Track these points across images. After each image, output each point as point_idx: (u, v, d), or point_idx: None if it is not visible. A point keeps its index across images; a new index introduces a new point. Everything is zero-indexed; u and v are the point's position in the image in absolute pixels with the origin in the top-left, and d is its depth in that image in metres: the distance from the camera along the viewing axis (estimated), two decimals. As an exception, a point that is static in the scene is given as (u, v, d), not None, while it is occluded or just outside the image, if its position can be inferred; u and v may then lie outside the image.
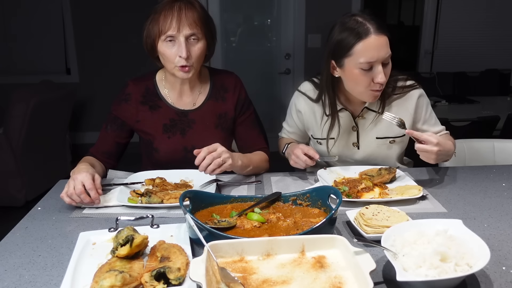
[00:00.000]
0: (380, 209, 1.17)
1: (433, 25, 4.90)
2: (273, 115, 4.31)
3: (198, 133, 1.64)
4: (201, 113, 1.66)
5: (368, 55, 1.42)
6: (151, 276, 0.89)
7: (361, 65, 1.43)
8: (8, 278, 0.97)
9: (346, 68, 1.48)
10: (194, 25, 1.47)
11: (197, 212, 1.18)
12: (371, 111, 1.63)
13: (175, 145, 1.62)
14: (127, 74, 3.94)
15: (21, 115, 3.20)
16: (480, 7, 4.84)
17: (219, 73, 1.73)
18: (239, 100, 1.70)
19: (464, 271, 0.86)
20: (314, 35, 4.48)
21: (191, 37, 1.48)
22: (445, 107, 3.56)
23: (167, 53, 1.49)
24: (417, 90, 1.63)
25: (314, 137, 1.72)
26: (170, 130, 1.63)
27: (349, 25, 1.45)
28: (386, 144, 1.65)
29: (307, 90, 1.70)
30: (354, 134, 1.66)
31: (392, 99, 1.62)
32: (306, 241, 0.97)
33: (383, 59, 1.44)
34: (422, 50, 4.99)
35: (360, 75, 1.46)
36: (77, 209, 1.33)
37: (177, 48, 1.47)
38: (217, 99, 1.68)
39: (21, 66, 4.95)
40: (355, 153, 1.68)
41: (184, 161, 1.60)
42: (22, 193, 3.33)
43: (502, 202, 1.34)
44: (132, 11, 4.63)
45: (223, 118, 1.68)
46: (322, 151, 1.68)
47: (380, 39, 1.42)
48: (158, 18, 1.47)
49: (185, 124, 1.64)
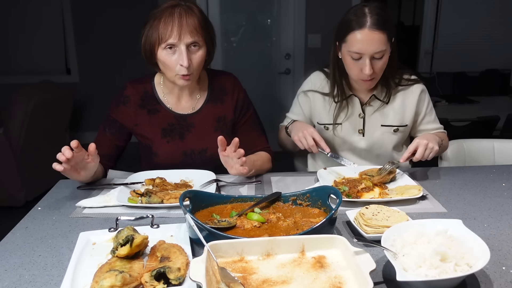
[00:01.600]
0: (380, 209, 1.17)
1: (433, 25, 4.90)
2: (273, 115, 4.29)
3: (197, 137, 1.63)
4: (200, 116, 1.65)
5: (357, 46, 1.50)
6: (151, 276, 0.89)
7: (351, 53, 1.52)
8: (8, 278, 0.97)
9: (342, 52, 1.58)
10: (195, 32, 1.44)
11: (197, 212, 1.18)
12: (377, 100, 1.69)
13: (174, 150, 1.61)
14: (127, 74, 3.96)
15: (21, 115, 3.20)
16: (480, 7, 4.84)
17: (217, 75, 1.72)
18: (238, 102, 1.69)
19: (464, 271, 0.86)
20: (314, 35, 4.48)
21: (192, 45, 1.45)
22: (445, 107, 3.56)
23: (168, 61, 1.47)
24: (420, 85, 1.72)
25: (320, 122, 1.75)
26: (169, 135, 1.62)
27: (355, 12, 1.52)
28: (390, 133, 1.71)
29: (318, 77, 1.77)
30: (360, 121, 1.71)
31: (397, 90, 1.70)
32: (306, 241, 0.97)
33: (372, 54, 1.49)
34: (422, 50, 4.99)
35: (351, 63, 1.55)
36: (77, 209, 1.33)
37: (178, 57, 1.45)
38: (216, 102, 1.67)
39: (21, 66, 4.95)
40: (360, 140, 1.72)
41: (183, 165, 1.60)
42: (22, 193, 3.33)
43: (502, 202, 1.34)
44: (132, 11, 4.64)
45: (222, 121, 1.67)
46: (327, 138, 1.71)
47: (373, 34, 1.47)
48: (158, 25, 1.44)
49: (184, 128, 1.63)
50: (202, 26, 1.47)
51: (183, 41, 1.43)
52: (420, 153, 1.45)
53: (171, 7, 1.45)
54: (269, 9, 4.57)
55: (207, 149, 1.62)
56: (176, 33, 1.42)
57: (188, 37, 1.43)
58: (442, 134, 1.75)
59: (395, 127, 1.70)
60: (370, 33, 1.47)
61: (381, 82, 1.67)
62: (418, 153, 1.45)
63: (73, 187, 1.51)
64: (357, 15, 1.50)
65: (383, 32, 1.48)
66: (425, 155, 1.45)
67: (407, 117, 1.71)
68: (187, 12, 1.44)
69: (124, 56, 4.73)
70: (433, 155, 1.48)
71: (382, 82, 1.67)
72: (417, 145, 1.46)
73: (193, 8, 1.48)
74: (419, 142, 1.46)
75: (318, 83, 1.75)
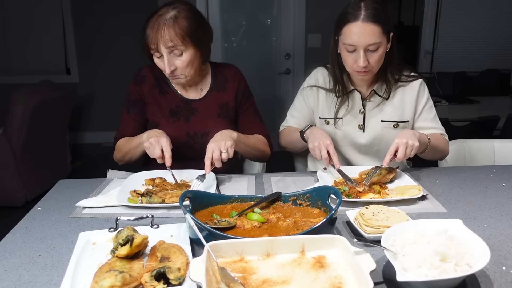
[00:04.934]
0: (380, 209, 1.17)
1: (433, 25, 4.90)
2: (273, 115, 4.31)
3: (200, 121, 1.72)
4: (204, 103, 1.73)
5: (351, 39, 1.52)
6: (151, 276, 0.89)
7: (346, 46, 1.55)
8: (8, 278, 0.97)
9: (339, 44, 1.60)
10: (170, 42, 1.51)
11: (197, 212, 1.18)
12: (377, 96, 1.71)
13: (178, 130, 1.68)
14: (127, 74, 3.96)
15: (21, 115, 3.19)
16: (480, 7, 4.84)
17: (220, 66, 1.82)
18: (239, 89, 1.77)
19: (464, 271, 0.86)
20: (314, 35, 4.49)
21: (173, 51, 1.54)
22: (445, 107, 3.56)
23: (158, 65, 1.61)
24: (420, 80, 1.73)
25: (322, 117, 1.76)
26: (175, 115, 1.71)
27: (352, 5, 1.55)
28: (390, 128, 1.71)
29: (321, 72, 1.78)
30: (360, 116, 1.73)
31: (397, 86, 1.71)
32: (306, 241, 0.97)
33: (366, 46, 1.52)
34: (422, 50, 4.99)
35: (346, 55, 1.57)
36: (77, 209, 1.33)
37: (163, 62, 1.56)
38: (219, 89, 1.76)
39: (21, 66, 4.94)
40: (360, 136, 1.73)
41: (185, 146, 1.68)
42: (22, 193, 3.32)
43: (502, 202, 1.34)
44: (132, 11, 4.64)
45: (224, 107, 1.75)
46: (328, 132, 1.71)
47: (366, 27, 1.50)
48: (145, 33, 1.55)
49: (189, 112, 1.72)
50: (184, 33, 1.52)
51: (160, 50, 1.53)
52: (401, 153, 1.45)
53: (157, 17, 1.53)
54: (269, 9, 4.57)
55: (209, 132, 1.67)
56: (154, 42, 1.52)
57: (163, 47, 1.52)
58: (439, 136, 1.71)
59: (395, 123, 1.71)
60: (363, 25, 1.50)
61: (381, 78, 1.68)
62: (399, 153, 1.45)
63: (73, 187, 1.51)
64: (353, 8, 1.53)
65: (377, 25, 1.50)
66: (406, 154, 1.46)
67: (407, 113, 1.71)
68: (167, 22, 1.51)
69: (124, 56, 4.73)
70: (414, 152, 1.48)
71: (382, 78, 1.68)
72: (397, 145, 1.46)
73: (180, 13, 1.54)
74: (398, 142, 1.46)
75: (321, 78, 1.77)
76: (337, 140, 1.75)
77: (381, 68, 1.62)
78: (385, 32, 1.53)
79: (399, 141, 1.46)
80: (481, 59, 4.92)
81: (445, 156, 1.77)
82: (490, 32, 4.90)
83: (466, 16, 4.87)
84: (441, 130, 1.74)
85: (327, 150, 1.51)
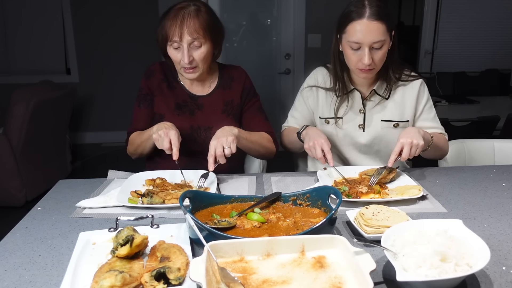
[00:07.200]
0: (380, 209, 1.17)
1: (433, 25, 4.90)
2: (273, 115, 4.29)
3: (205, 116, 1.75)
4: (210, 99, 1.77)
5: (356, 37, 1.52)
6: (151, 276, 0.89)
7: (350, 44, 1.54)
8: (8, 278, 0.97)
9: (343, 43, 1.60)
10: (195, 33, 1.57)
11: (197, 212, 1.18)
12: (378, 95, 1.71)
13: (183, 123, 1.71)
14: (127, 74, 3.96)
15: (21, 115, 3.19)
16: (480, 7, 4.84)
17: (227, 66, 1.87)
18: (245, 88, 1.81)
19: (464, 271, 0.86)
20: (314, 35, 4.49)
21: (193, 42, 1.58)
22: (445, 107, 3.56)
23: (173, 57, 1.63)
24: (420, 80, 1.74)
25: (322, 116, 1.76)
26: (181, 109, 1.75)
27: (355, 3, 1.55)
28: (390, 127, 1.72)
29: (320, 72, 1.79)
30: (361, 116, 1.73)
31: (397, 85, 1.72)
32: (306, 241, 0.97)
33: (371, 44, 1.52)
34: (422, 50, 4.99)
35: (350, 53, 1.57)
36: (77, 209, 1.33)
37: (181, 53, 1.60)
38: (225, 88, 1.80)
39: (21, 66, 4.94)
40: (360, 135, 1.73)
41: (190, 138, 1.71)
42: (22, 193, 3.33)
43: (502, 202, 1.34)
44: (132, 11, 4.64)
45: (229, 104, 1.78)
46: (328, 132, 1.73)
47: (371, 24, 1.50)
48: (165, 25, 1.59)
49: (195, 107, 1.76)
50: (205, 26, 1.59)
51: (183, 40, 1.57)
52: (406, 153, 1.45)
53: (179, 9, 1.59)
54: (269, 9, 4.58)
55: (212, 127, 1.70)
56: (177, 33, 1.56)
57: (188, 37, 1.56)
58: (440, 135, 1.73)
59: (395, 122, 1.71)
60: (368, 23, 1.50)
61: (381, 76, 1.69)
62: (404, 153, 1.45)
63: (73, 187, 1.51)
64: (356, 6, 1.54)
65: (381, 23, 1.51)
66: (411, 154, 1.46)
67: (407, 113, 1.71)
68: (190, 14, 1.57)
69: (124, 56, 4.74)
70: (419, 151, 1.48)
71: (382, 76, 1.69)
72: (402, 145, 1.46)
73: (200, 9, 1.60)
74: (403, 142, 1.46)
75: (321, 78, 1.77)
76: (338, 140, 1.76)
77: (383, 66, 1.63)
78: (388, 30, 1.54)
79: (404, 140, 1.46)
80: (481, 59, 4.92)
81: (445, 155, 1.78)
82: (490, 32, 4.90)
83: (466, 16, 4.87)
84: (441, 129, 1.76)
85: (321, 148, 1.52)
